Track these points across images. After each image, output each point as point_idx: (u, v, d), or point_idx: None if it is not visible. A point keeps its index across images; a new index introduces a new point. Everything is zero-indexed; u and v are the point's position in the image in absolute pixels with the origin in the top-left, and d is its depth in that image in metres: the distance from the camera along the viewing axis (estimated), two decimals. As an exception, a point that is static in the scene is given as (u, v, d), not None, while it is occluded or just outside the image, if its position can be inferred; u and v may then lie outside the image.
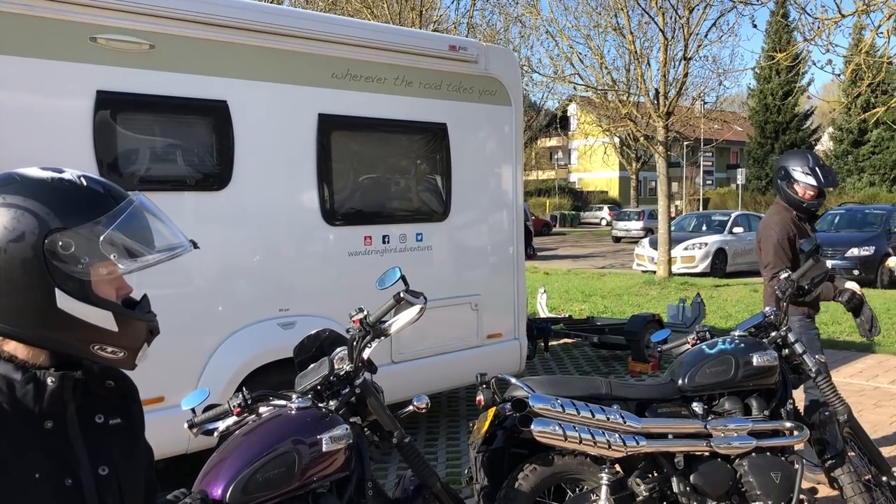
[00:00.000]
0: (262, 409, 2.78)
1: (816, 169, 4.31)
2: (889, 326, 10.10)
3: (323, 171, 4.90)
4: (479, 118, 5.85)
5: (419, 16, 16.34)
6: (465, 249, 5.81)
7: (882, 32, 11.57)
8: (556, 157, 58.74)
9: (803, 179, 4.36)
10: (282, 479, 2.51)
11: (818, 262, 3.85)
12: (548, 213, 47.43)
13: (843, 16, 10.81)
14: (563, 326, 8.95)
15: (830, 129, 45.55)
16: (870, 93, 32.81)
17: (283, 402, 2.77)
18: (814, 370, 3.76)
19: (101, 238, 1.31)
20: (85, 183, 1.37)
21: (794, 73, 35.58)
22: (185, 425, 2.78)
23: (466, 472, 3.53)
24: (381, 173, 5.35)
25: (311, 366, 2.93)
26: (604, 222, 46.27)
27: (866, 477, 3.78)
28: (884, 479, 3.80)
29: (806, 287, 3.82)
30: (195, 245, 1.50)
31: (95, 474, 1.37)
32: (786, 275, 3.82)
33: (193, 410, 2.81)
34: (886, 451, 5.24)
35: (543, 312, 9.81)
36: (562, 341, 9.44)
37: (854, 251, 15.58)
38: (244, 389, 2.75)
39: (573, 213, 50.02)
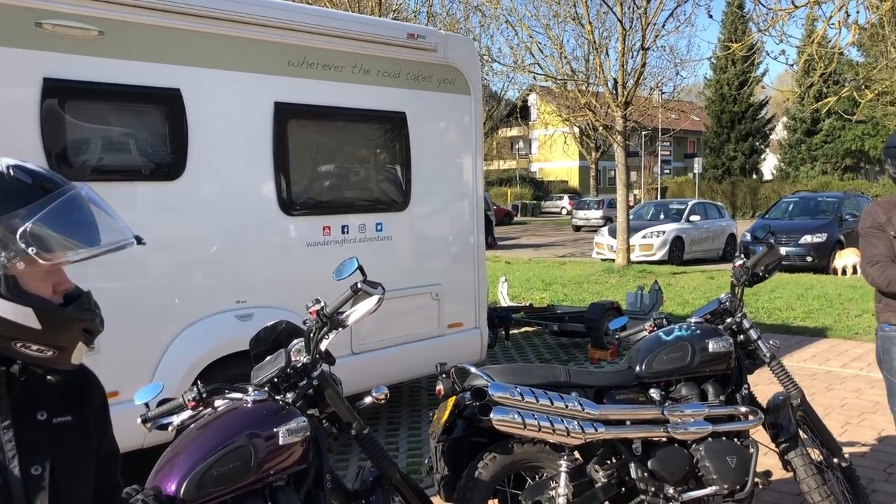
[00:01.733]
0: (217, 403, 2.74)
1: None
2: (840, 311, 10.33)
3: (280, 160, 4.84)
4: (438, 107, 5.82)
5: (378, 3, 16.20)
6: (426, 239, 5.79)
7: (833, 24, 11.78)
8: (517, 146, 58.94)
9: None
10: (237, 473, 2.47)
11: (772, 249, 3.90)
12: (509, 203, 47.64)
13: (796, 7, 10.98)
14: (524, 315, 9.00)
15: (784, 119, 46.42)
16: (822, 83, 33.49)
17: (238, 396, 2.73)
18: (768, 356, 3.82)
19: (20, 231, 1.25)
20: (11, 173, 1.31)
21: (750, 64, 36.16)
22: (139, 420, 2.73)
23: (427, 461, 3.52)
24: (339, 163, 5.29)
25: (268, 358, 2.89)
26: (564, 211, 46.64)
27: (818, 459, 3.86)
28: (835, 460, 3.88)
29: (760, 274, 3.87)
30: (140, 240, 1.44)
31: (26, 473, 1.32)
32: (740, 262, 3.87)
33: (147, 405, 2.76)
34: (838, 433, 5.37)
35: (504, 301, 9.85)
36: (522, 330, 9.49)
37: (807, 238, 15.91)
38: (199, 383, 2.71)
39: (534, 202, 50.35)
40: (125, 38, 4.20)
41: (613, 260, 16.94)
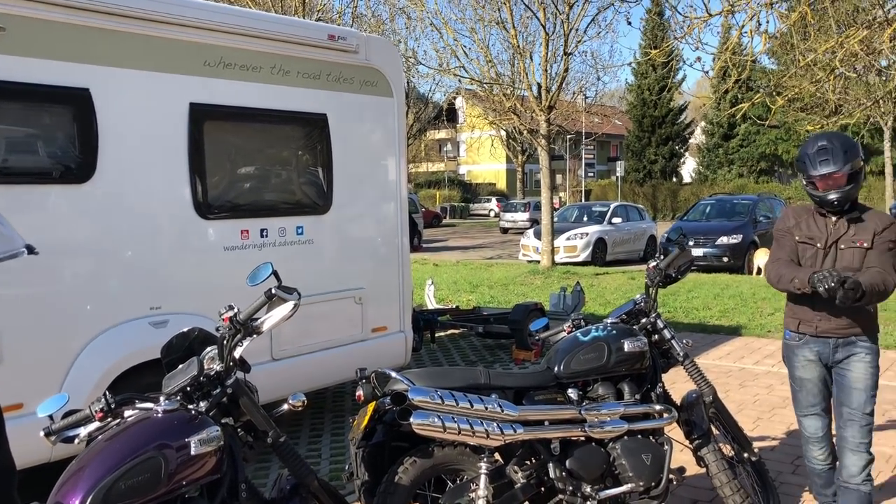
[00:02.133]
0: (127, 413, 2.66)
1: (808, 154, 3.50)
2: (754, 310, 10.71)
3: (195, 162, 4.72)
4: (360, 109, 5.78)
5: (302, 4, 16.01)
6: (349, 242, 5.75)
7: (746, 32, 12.23)
8: (445, 149, 59.16)
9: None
10: (147, 485, 2.40)
11: (684, 251, 4.01)
12: (438, 205, 47.77)
13: (711, 15, 11.34)
14: (450, 317, 9.01)
15: (703, 124, 47.93)
16: (737, 89, 34.71)
17: (149, 405, 2.66)
18: (681, 355, 3.92)
19: None
20: None
21: (668, 70, 37.18)
22: (42, 433, 2.62)
23: (347, 467, 3.49)
24: (258, 165, 5.20)
25: (180, 366, 2.82)
26: (492, 214, 47.03)
27: (730, 454, 3.98)
28: (745, 455, 4.02)
29: (673, 275, 3.97)
30: (32, 250, 1.38)
31: None
32: (654, 264, 3.97)
33: (51, 417, 2.66)
34: (750, 428, 5.56)
35: (431, 304, 9.85)
36: (448, 332, 9.51)
37: (723, 239, 16.45)
38: (107, 393, 2.62)
39: (462, 204, 50.61)
40: (30, 35, 4.03)
41: (539, 262, 17.16)
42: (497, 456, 3.47)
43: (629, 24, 20.16)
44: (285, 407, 2.94)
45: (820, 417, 3.72)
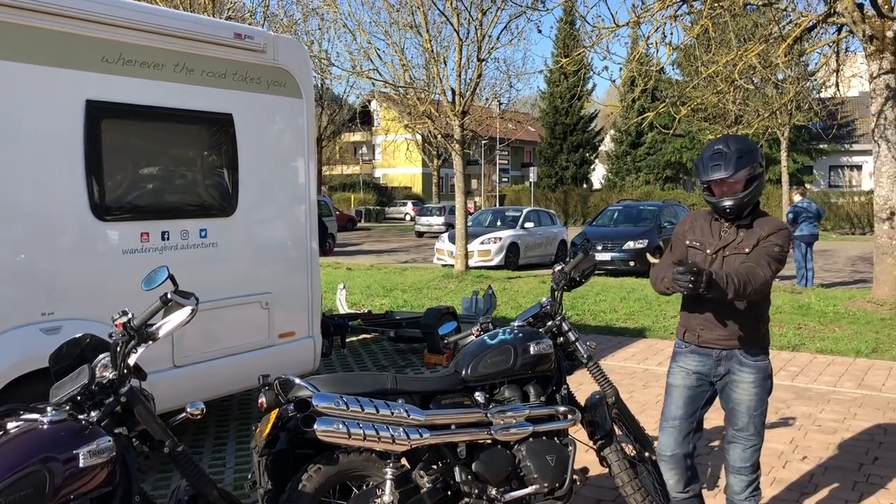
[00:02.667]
0: (10, 425, 2.52)
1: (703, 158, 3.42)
2: (658, 312, 11.05)
3: (91, 161, 4.52)
4: (268, 110, 5.67)
5: (212, 2, 15.65)
6: (255, 246, 5.62)
7: (652, 43, 12.63)
8: (360, 152, 58.85)
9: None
10: (29, 501, 2.28)
11: (587, 256, 4.09)
12: (353, 209, 47.46)
13: (619, 26, 11.68)
14: (361, 322, 8.95)
15: (612, 132, 49.23)
16: (644, 99, 35.81)
17: (34, 416, 2.52)
18: (585, 356, 3.99)
19: None
20: None
21: (579, 79, 38.03)
22: (-86, 448, 2.45)
23: (250, 476, 3.41)
24: (159, 165, 5.02)
25: (70, 375, 2.69)
26: (408, 217, 47.07)
27: (632, 454, 4.08)
28: (646, 454, 4.12)
29: (577, 279, 4.04)
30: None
31: None
32: (559, 267, 4.03)
33: (-75, 431, 2.49)
34: (652, 428, 5.71)
35: (343, 308, 9.75)
36: (360, 337, 9.44)
37: (630, 244, 16.93)
38: (-12, 404, 2.47)
39: (378, 208, 50.48)
40: None
41: (453, 265, 17.25)
42: (403, 461, 3.45)
43: (539, 32, 20.59)
44: (183, 415, 2.85)
45: (675, 434, 3.56)
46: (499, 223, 20.60)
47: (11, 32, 4.17)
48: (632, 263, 16.68)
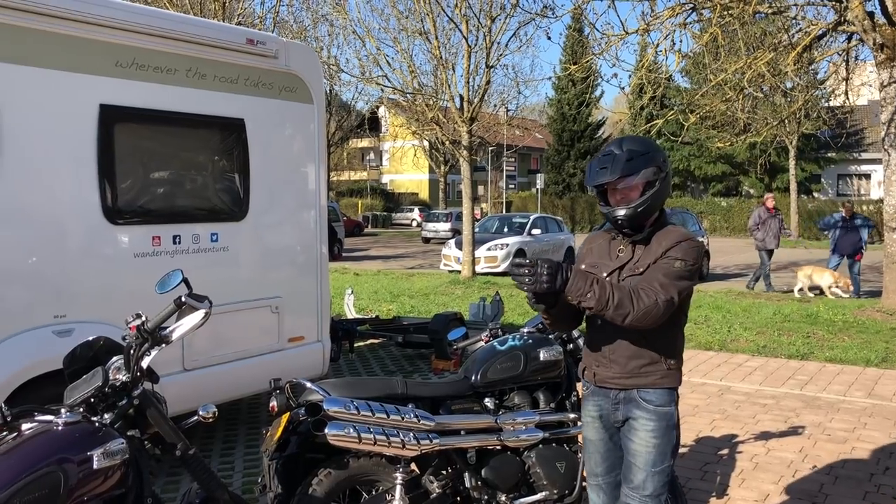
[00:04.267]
0: (25, 427, 2.53)
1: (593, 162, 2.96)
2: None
3: (105, 165, 4.55)
4: (279, 115, 5.69)
5: (222, 7, 15.73)
6: (265, 250, 5.64)
7: (661, 51, 12.63)
8: (367, 157, 58.94)
9: None
10: (44, 501, 2.29)
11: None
12: (360, 214, 47.53)
13: (628, 33, 11.68)
14: (369, 327, 8.96)
15: (620, 139, 49.14)
16: (652, 106, 35.80)
17: (49, 418, 2.54)
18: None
19: None
20: None
21: (587, 86, 38.04)
22: (-71, 448, 2.47)
23: (260, 480, 3.42)
24: (172, 169, 5.05)
25: (84, 377, 2.70)
26: (414, 223, 47.09)
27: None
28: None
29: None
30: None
31: None
32: None
33: (-59, 431, 2.51)
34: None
35: (350, 313, 9.77)
36: (368, 342, 9.45)
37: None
38: (3, 405, 2.49)
39: (385, 213, 50.52)
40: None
41: (460, 272, 17.25)
42: (413, 466, 3.46)
43: (549, 39, 20.60)
44: (195, 418, 2.86)
45: (602, 492, 2.98)
46: (506, 229, 20.60)
47: (26, 37, 4.21)
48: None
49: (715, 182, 44.56)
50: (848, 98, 14.66)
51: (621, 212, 2.79)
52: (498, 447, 3.59)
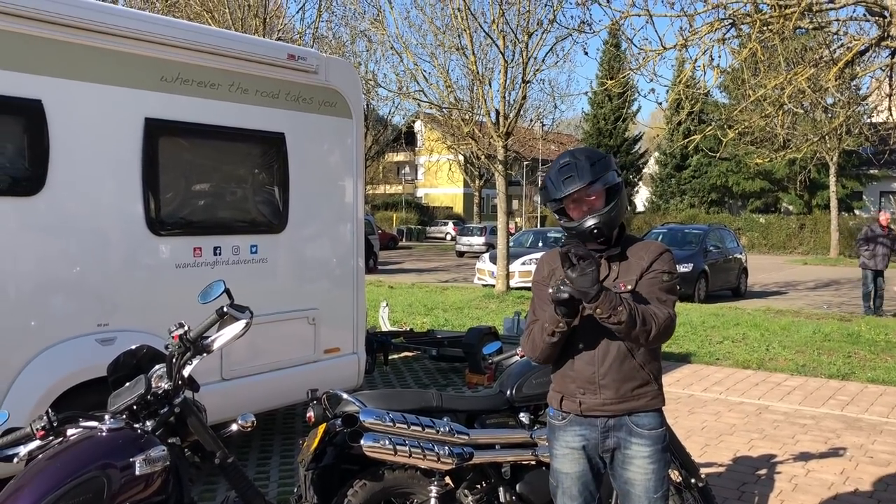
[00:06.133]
0: (70, 432, 2.60)
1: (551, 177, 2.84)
2: (703, 338, 10.90)
3: (149, 177, 4.65)
4: (318, 129, 5.77)
5: (263, 23, 16.00)
6: (303, 262, 5.71)
7: (699, 66, 12.55)
8: (403, 171, 59.27)
9: None
10: (88, 506, 2.34)
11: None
12: (394, 228, 47.77)
13: (666, 48, 11.63)
14: (404, 340, 8.99)
15: (656, 154, 48.84)
16: (690, 121, 35.49)
17: (93, 424, 2.60)
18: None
19: None
20: None
21: (624, 100, 37.88)
22: (-21, 451, 2.54)
23: (296, 490, 3.45)
24: (213, 182, 5.15)
25: (127, 384, 2.77)
26: (448, 237, 47.19)
27: (678, 480, 4.02)
28: (692, 480, 4.06)
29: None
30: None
31: None
32: None
33: (-11, 435, 2.58)
34: (698, 454, 5.63)
35: (385, 326, 9.82)
36: (402, 355, 9.47)
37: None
38: (49, 411, 2.55)
39: (419, 227, 50.72)
40: (-19, 44, 3.95)
41: (494, 286, 17.23)
42: (448, 480, 3.46)
43: (586, 54, 20.63)
44: (234, 427, 2.90)
45: None
46: (540, 244, 20.55)
47: (76, 52, 4.33)
48: (678, 286, 16.46)
49: (753, 198, 43.99)
50: (891, 114, 14.38)
51: (591, 221, 2.68)
52: (533, 462, 3.58)
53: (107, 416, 2.61)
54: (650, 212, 45.53)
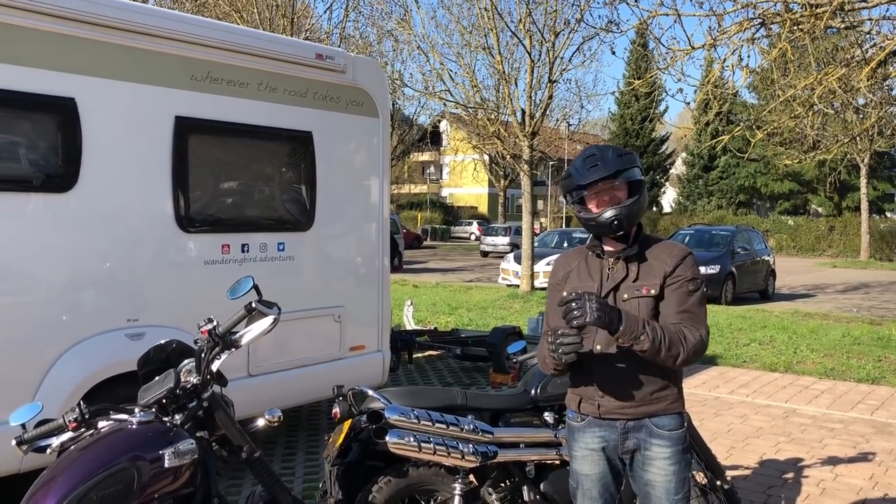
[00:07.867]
0: (101, 424, 2.64)
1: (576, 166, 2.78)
2: (730, 340, 10.80)
3: (178, 175, 4.71)
4: (345, 128, 5.81)
5: (291, 23, 16.11)
6: (330, 260, 5.75)
7: (728, 66, 12.43)
8: (428, 171, 59.35)
9: None
10: (119, 497, 2.38)
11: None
12: (419, 227, 47.86)
13: (694, 48, 11.54)
14: (428, 338, 9.02)
15: (684, 155, 48.46)
16: (718, 122, 35.16)
17: (123, 417, 2.64)
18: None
19: None
20: None
21: (651, 101, 37.63)
22: (13, 442, 2.60)
23: (321, 485, 3.48)
24: (241, 180, 5.20)
25: (157, 378, 2.81)
26: (473, 237, 47.20)
27: (703, 482, 4.00)
28: (718, 483, 4.03)
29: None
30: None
31: None
32: None
33: (23, 426, 2.64)
34: (723, 457, 5.59)
35: (409, 325, 9.85)
36: (426, 353, 9.50)
37: (702, 269, 16.49)
38: (81, 403, 2.60)
39: (444, 227, 50.78)
40: (15, 43, 4.02)
41: (518, 286, 17.20)
42: (472, 477, 3.47)
43: (613, 53, 20.55)
44: (261, 422, 2.93)
45: None
46: (565, 244, 20.47)
47: (108, 51, 4.40)
48: (704, 289, 16.31)
49: (782, 200, 43.52)
50: (924, 115, 14.14)
51: (611, 212, 2.63)
52: (557, 462, 3.58)
53: (137, 410, 2.65)
54: (677, 213, 45.20)
